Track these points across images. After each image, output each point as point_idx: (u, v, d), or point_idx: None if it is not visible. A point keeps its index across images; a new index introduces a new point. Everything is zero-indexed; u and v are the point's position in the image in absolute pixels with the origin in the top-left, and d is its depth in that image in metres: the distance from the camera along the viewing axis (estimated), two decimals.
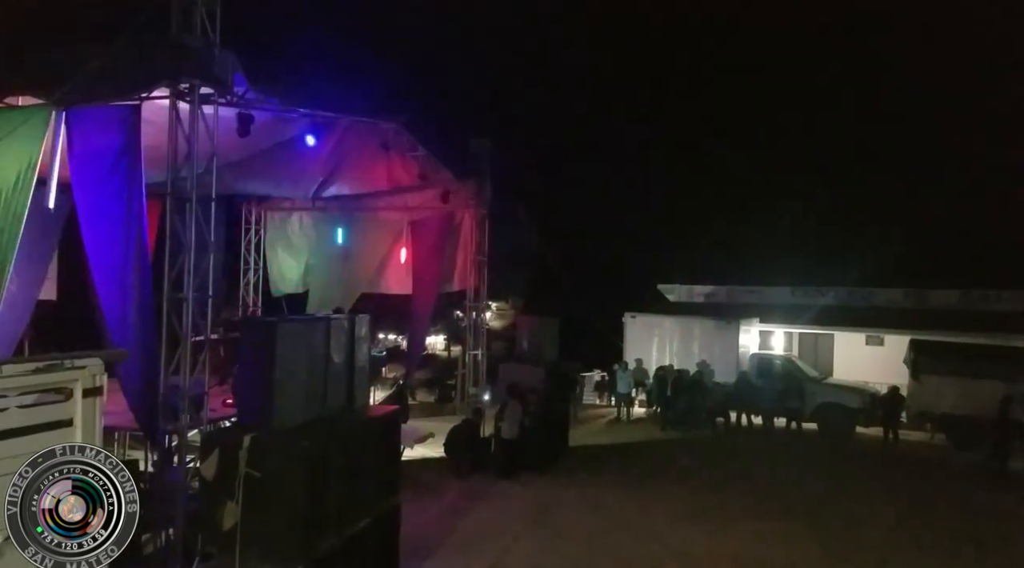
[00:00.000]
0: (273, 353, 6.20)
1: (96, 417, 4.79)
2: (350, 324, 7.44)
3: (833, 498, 11.19)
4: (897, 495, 11.58)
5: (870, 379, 17.70)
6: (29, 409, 4.52)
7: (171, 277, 7.51)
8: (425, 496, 10.12)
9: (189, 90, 7.57)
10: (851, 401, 16.40)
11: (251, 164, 10.65)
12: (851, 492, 11.65)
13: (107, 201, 7.72)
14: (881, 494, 11.60)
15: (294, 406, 6.29)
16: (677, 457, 13.80)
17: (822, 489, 11.70)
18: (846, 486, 12.01)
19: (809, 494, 11.38)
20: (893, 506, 10.87)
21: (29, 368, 4.56)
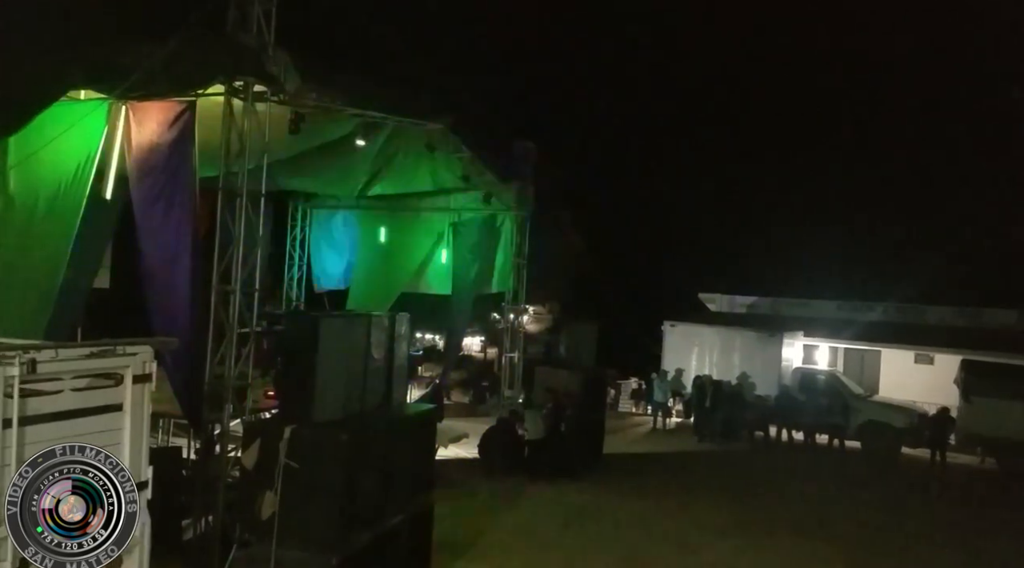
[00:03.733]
0: (315, 348, 6.30)
1: (145, 403, 4.93)
2: (390, 322, 7.52)
3: (872, 519, 10.88)
4: (941, 520, 11.20)
5: (918, 399, 17.17)
6: (82, 392, 4.69)
7: (220, 270, 7.68)
8: (458, 496, 10.15)
9: (243, 87, 7.74)
10: (897, 420, 15.93)
11: (300, 162, 10.84)
12: (891, 513, 11.31)
13: (161, 193, 7.94)
14: (923, 517, 11.24)
15: (334, 400, 6.38)
16: (713, 469, 13.59)
17: (861, 509, 11.39)
18: (887, 507, 11.66)
19: (848, 514, 11.08)
20: (936, 531, 10.52)
21: (83, 353, 4.72)
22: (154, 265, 7.90)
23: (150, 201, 8.01)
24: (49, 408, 4.36)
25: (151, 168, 8.04)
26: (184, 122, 7.93)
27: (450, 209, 14.47)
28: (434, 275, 15.09)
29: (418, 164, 12.31)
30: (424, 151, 11.47)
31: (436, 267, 15.00)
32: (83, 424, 4.56)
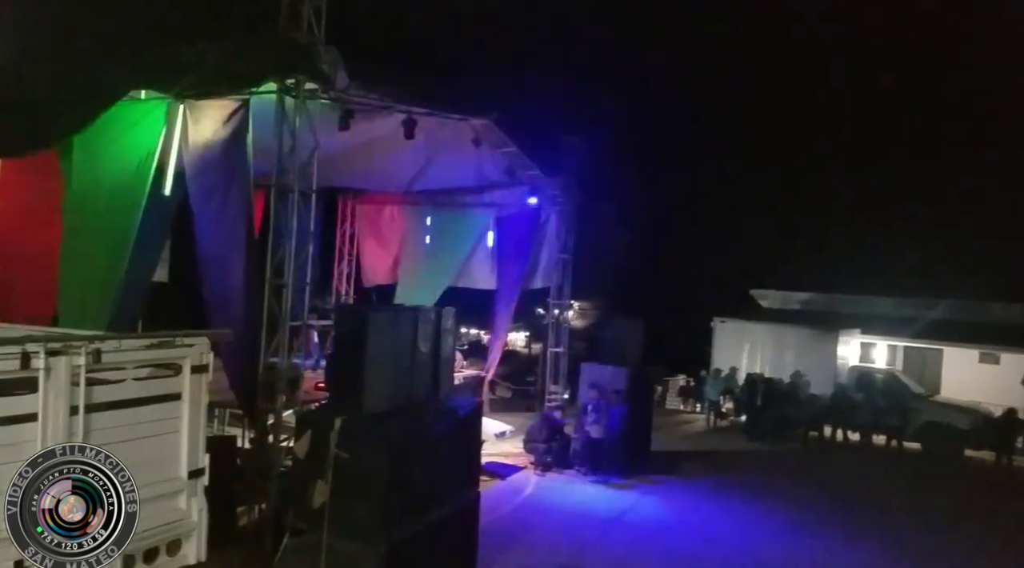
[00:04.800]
0: (364, 340, 6.39)
1: (202, 392, 5.09)
2: (436, 316, 7.58)
3: (933, 523, 10.52)
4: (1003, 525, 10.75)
5: (982, 399, 16.48)
6: (144, 382, 4.86)
7: (273, 264, 7.86)
8: (504, 490, 10.19)
9: (295, 85, 7.89)
10: (960, 421, 15.33)
11: (348, 158, 11.00)
12: (951, 517, 10.91)
13: (217, 189, 8.17)
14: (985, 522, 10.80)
15: (382, 392, 6.47)
16: (763, 469, 13.32)
17: (919, 513, 11.02)
18: (947, 510, 11.25)
19: (905, 517, 10.73)
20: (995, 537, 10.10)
21: (144, 344, 4.89)
22: (210, 259, 8.13)
23: (206, 197, 8.24)
24: (113, 396, 4.54)
25: (207, 165, 8.27)
26: (238, 120, 8.12)
27: (495, 204, 14.49)
28: (479, 270, 15.14)
29: (464, 159, 12.36)
30: (470, 146, 11.51)
31: (481, 262, 15.05)
32: (144, 412, 4.74)
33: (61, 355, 4.18)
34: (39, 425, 4.08)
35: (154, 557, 4.52)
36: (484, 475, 8.75)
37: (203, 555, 4.80)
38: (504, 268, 14.44)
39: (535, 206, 14.10)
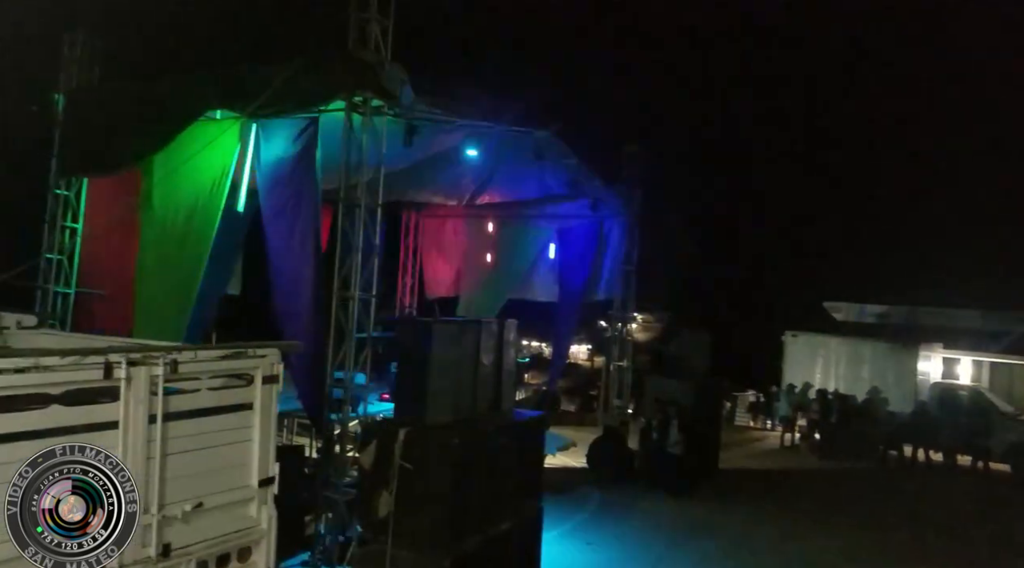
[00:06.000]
0: (428, 352, 6.44)
1: (273, 402, 5.20)
2: (499, 328, 7.58)
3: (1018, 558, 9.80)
4: None
5: None
6: (217, 391, 5.00)
7: (340, 277, 8.01)
8: (567, 505, 10.06)
9: (362, 103, 8.06)
10: None
11: (412, 173, 11.17)
12: None
13: (287, 205, 8.40)
14: None
15: (445, 404, 6.49)
16: (838, 489, 12.74)
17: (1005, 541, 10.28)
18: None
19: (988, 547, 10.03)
20: None
21: (218, 355, 5.03)
22: (280, 273, 8.36)
23: (277, 212, 8.49)
24: (189, 405, 4.69)
25: (277, 181, 8.53)
26: (307, 137, 8.36)
27: (557, 216, 14.44)
28: (541, 282, 15.11)
29: (525, 172, 12.37)
30: (532, 159, 11.51)
31: (543, 274, 15.02)
32: (217, 421, 4.87)
33: (141, 365, 4.35)
34: (120, 432, 4.25)
35: (226, 563, 4.63)
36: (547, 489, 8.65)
37: (272, 563, 4.89)
38: (566, 280, 14.36)
39: (597, 217, 13.99)
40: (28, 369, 3.98)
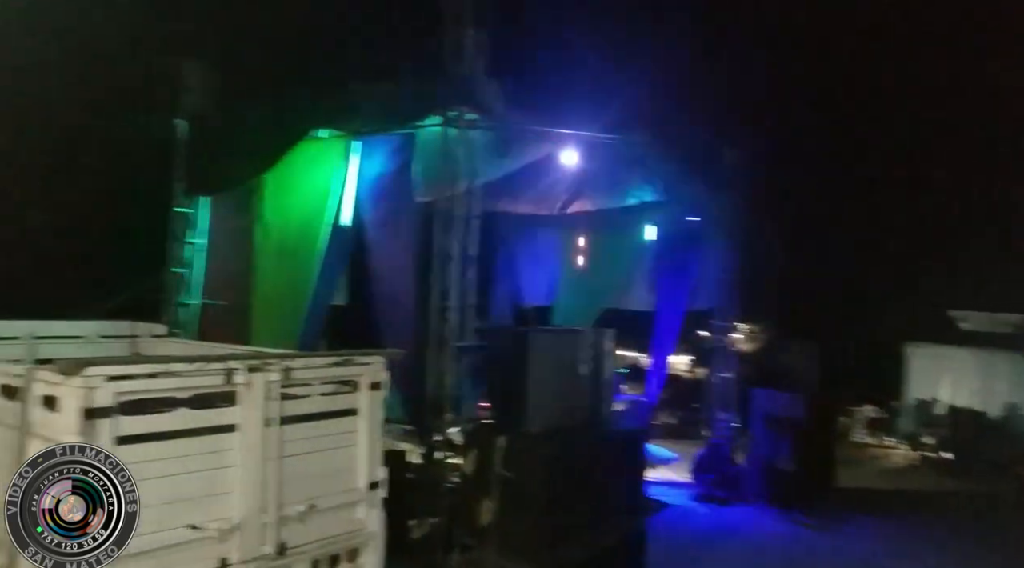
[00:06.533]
0: (525, 361, 6.46)
1: (378, 408, 5.35)
2: (596, 337, 7.51)
3: None
4: None
5: None
6: (327, 397, 5.21)
7: (439, 287, 8.19)
8: (671, 519, 9.78)
9: (458, 117, 8.24)
10: None
11: (507, 183, 11.30)
12: None
13: (388, 218, 8.72)
14: None
15: (543, 413, 6.48)
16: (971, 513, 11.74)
17: None
18: None
19: None
20: None
21: (328, 362, 5.25)
22: (383, 284, 8.67)
23: (379, 225, 8.83)
24: (301, 410, 4.90)
25: (378, 196, 8.87)
26: (406, 152, 8.64)
27: (654, 223, 14.19)
28: (637, 291, 14.87)
29: (621, 179, 12.25)
30: (627, 165, 11.39)
31: (639, 283, 14.78)
32: (327, 425, 5.06)
33: (258, 372, 4.59)
34: (238, 435, 4.50)
35: (336, 563, 4.79)
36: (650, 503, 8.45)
37: (380, 565, 5.01)
38: (664, 289, 14.06)
39: (697, 224, 13.64)
40: (159, 374, 4.29)
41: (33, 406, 4.11)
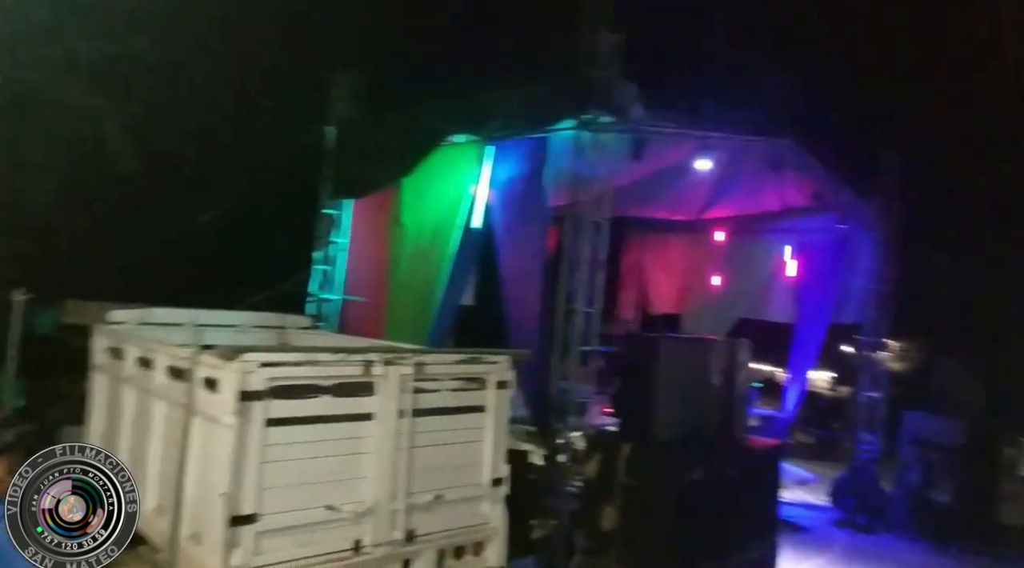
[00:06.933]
0: (653, 369, 6.32)
1: (504, 407, 5.44)
2: (730, 348, 7.21)
3: None
4: None
5: None
6: (456, 393, 5.35)
7: (566, 291, 8.18)
8: (806, 545, 9.19)
9: (591, 120, 8.20)
10: None
11: (639, 187, 11.09)
12: None
13: (518, 221, 8.82)
14: None
15: (671, 423, 6.31)
16: None
17: None
18: None
19: None
20: None
21: (458, 359, 5.39)
22: (511, 285, 8.77)
23: (508, 228, 8.95)
24: (431, 404, 5.07)
25: (509, 199, 8.99)
26: (539, 156, 8.70)
27: (797, 230, 13.42)
28: (777, 301, 14.10)
29: (762, 183, 11.68)
30: (769, 169, 10.84)
31: (779, 293, 14.01)
32: (455, 420, 5.20)
33: (394, 365, 4.80)
34: (374, 424, 4.72)
35: (461, 555, 4.91)
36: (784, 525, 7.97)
37: (503, 560, 5.08)
38: (806, 300, 13.24)
39: (845, 232, 12.76)
40: (304, 363, 4.59)
41: (197, 387, 4.53)
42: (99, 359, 6.23)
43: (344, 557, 4.52)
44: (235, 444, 4.19)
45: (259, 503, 4.26)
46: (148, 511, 5.06)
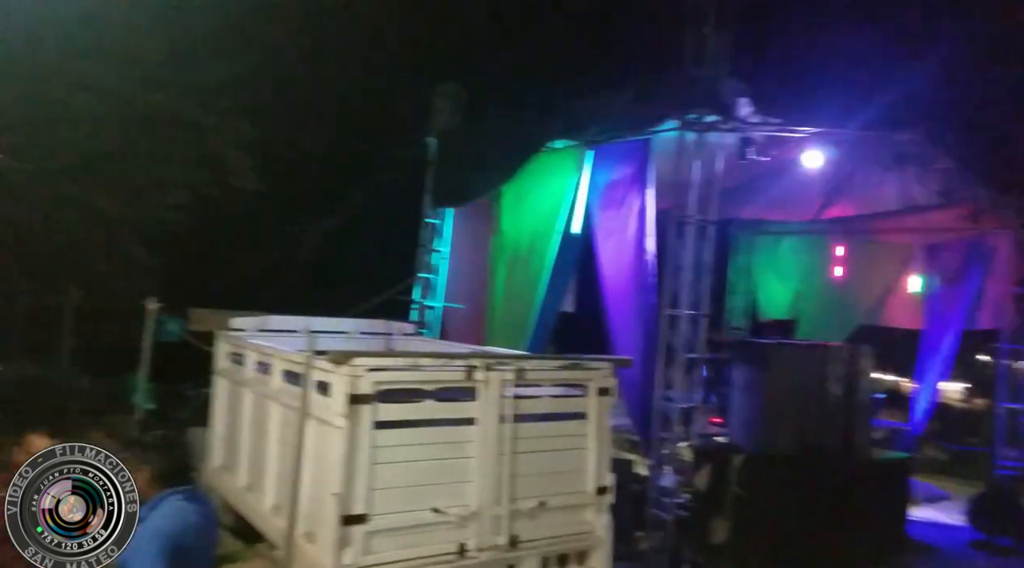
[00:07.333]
0: (766, 377, 6.02)
1: (606, 414, 5.32)
2: (851, 355, 6.76)
3: None
4: None
5: None
6: (556, 399, 5.30)
7: (669, 296, 7.95)
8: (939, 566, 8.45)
9: (696, 120, 7.95)
10: None
11: (747, 188, 10.66)
12: None
13: (619, 225, 8.65)
14: None
15: (786, 433, 5.98)
16: None
17: None
18: None
19: None
20: None
21: (558, 365, 5.34)
22: (613, 291, 8.61)
23: (608, 233, 8.80)
24: (532, 410, 5.03)
25: (609, 202, 8.84)
26: (640, 159, 8.51)
27: (924, 230, 12.45)
28: (901, 306, 13.13)
29: (883, 180, 10.94)
30: (891, 165, 10.12)
31: (904, 297, 13.04)
32: (556, 427, 5.14)
33: (495, 370, 4.80)
34: (476, 428, 4.73)
35: (565, 563, 4.84)
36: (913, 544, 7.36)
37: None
38: (935, 305, 12.25)
39: (978, 231, 11.72)
40: (409, 368, 4.68)
41: (310, 390, 4.71)
42: (221, 364, 6.63)
43: (449, 560, 4.55)
44: (345, 445, 4.32)
45: (369, 504, 4.36)
46: (266, 509, 5.30)
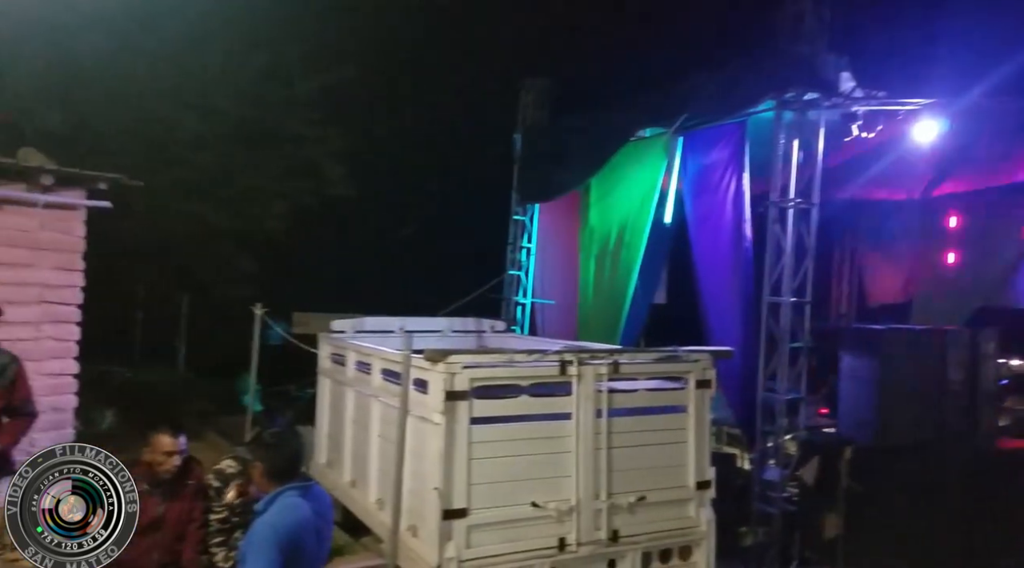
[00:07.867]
0: (878, 365, 5.71)
1: (706, 407, 5.21)
2: (972, 339, 6.31)
3: None
4: None
5: None
6: (653, 393, 5.22)
7: (770, 283, 7.66)
8: None
9: (795, 98, 7.60)
10: None
11: (851, 166, 10.08)
12: None
13: (714, 212, 8.38)
14: None
15: (901, 423, 5.67)
16: None
17: None
18: None
19: None
20: None
21: (654, 358, 5.27)
22: (708, 280, 8.36)
23: (702, 221, 8.54)
24: (629, 403, 4.99)
25: (702, 190, 8.58)
26: (735, 142, 8.21)
27: None
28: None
29: (1006, 152, 10.08)
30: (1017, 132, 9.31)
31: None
32: (654, 421, 5.08)
33: (589, 365, 4.79)
34: (573, 422, 4.74)
35: (667, 558, 4.78)
36: None
37: (712, 565, 4.87)
38: None
39: None
40: (503, 364, 4.74)
41: (408, 388, 4.86)
42: (324, 365, 6.94)
43: (550, 554, 4.59)
44: (443, 441, 4.43)
45: (468, 498, 4.47)
46: (370, 504, 5.52)
